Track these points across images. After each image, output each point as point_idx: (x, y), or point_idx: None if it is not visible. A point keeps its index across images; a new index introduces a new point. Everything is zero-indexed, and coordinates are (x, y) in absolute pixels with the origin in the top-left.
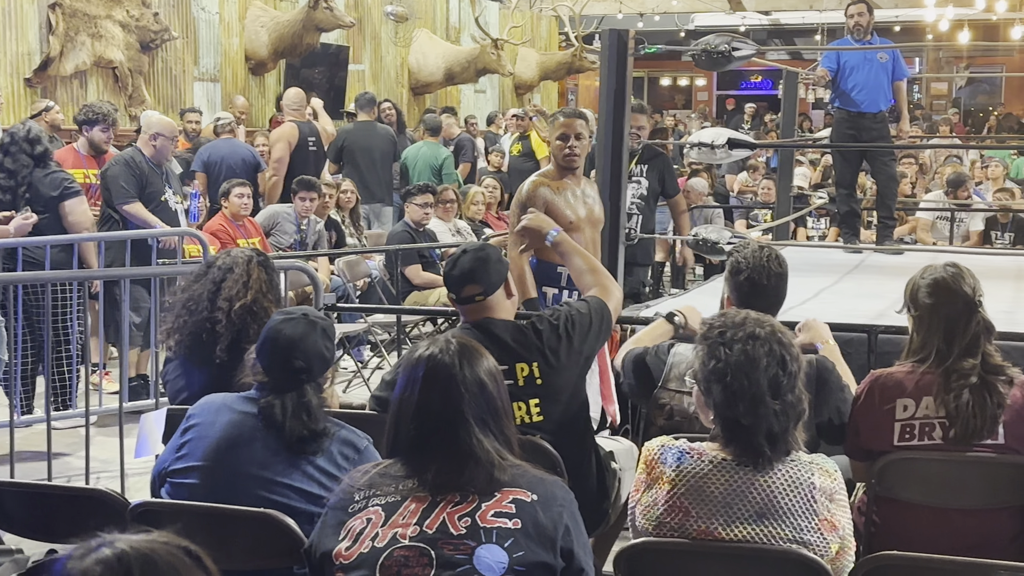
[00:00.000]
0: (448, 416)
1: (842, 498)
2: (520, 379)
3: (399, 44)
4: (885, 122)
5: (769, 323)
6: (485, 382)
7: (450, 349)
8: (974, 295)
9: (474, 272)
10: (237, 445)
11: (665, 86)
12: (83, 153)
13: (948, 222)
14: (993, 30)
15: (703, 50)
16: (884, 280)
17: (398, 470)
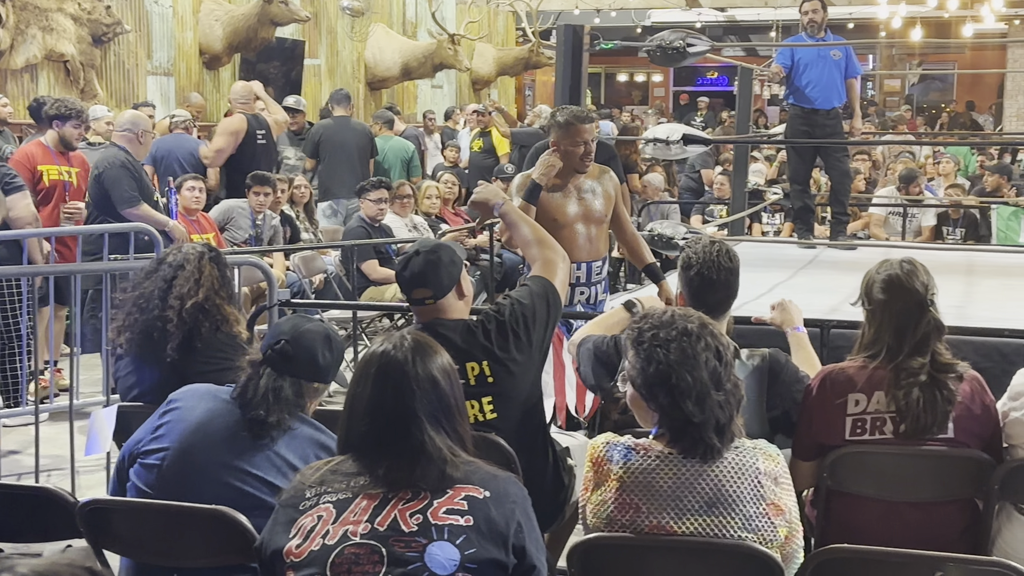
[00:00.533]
0: (400, 413)
1: (786, 481)
2: (471, 378)
3: (355, 39)
4: (838, 119)
5: (696, 316)
6: (438, 379)
7: (404, 346)
8: (927, 293)
9: (425, 275)
10: (212, 432)
11: (622, 82)
12: (53, 149)
13: (901, 218)
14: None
15: (658, 46)
16: (837, 275)
17: (349, 467)
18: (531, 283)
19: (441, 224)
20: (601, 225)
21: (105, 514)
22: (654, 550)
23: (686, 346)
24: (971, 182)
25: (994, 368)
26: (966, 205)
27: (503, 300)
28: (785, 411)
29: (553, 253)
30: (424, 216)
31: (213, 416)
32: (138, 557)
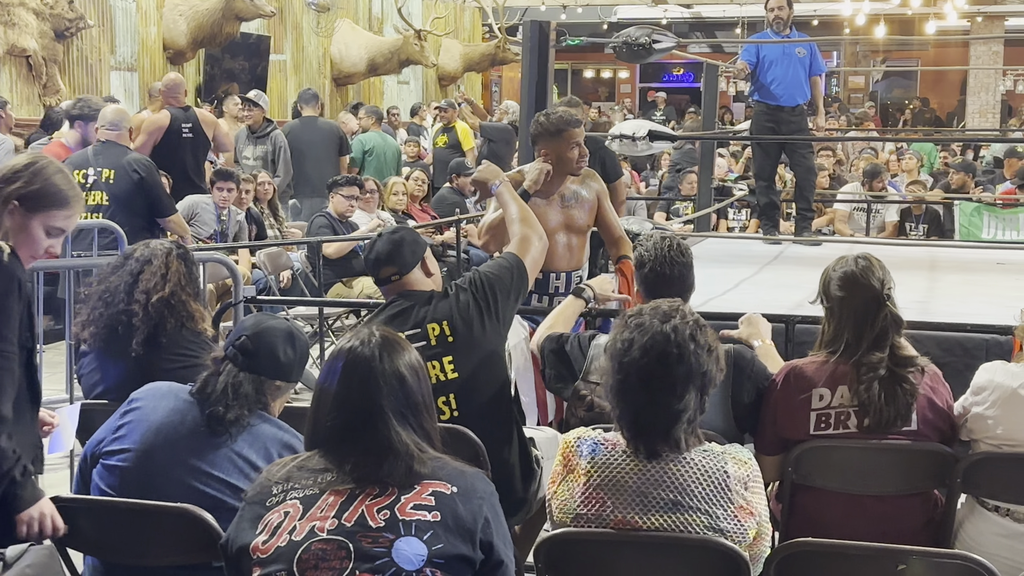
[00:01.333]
0: (366, 409)
1: (757, 485)
2: (432, 339)
3: (321, 34)
4: (803, 115)
5: (672, 321)
6: (405, 375)
7: (371, 342)
8: (883, 288)
9: (389, 253)
10: (173, 433)
11: (588, 78)
12: (75, 149)
13: (865, 213)
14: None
15: (624, 42)
16: (802, 271)
17: (316, 463)
18: (501, 257)
19: (408, 220)
20: (583, 235)
21: (69, 513)
22: (621, 545)
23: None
24: (934, 178)
25: (956, 363)
26: (930, 201)
27: (470, 272)
28: (749, 406)
29: (531, 232)
30: (391, 212)
31: (174, 416)
32: (103, 556)
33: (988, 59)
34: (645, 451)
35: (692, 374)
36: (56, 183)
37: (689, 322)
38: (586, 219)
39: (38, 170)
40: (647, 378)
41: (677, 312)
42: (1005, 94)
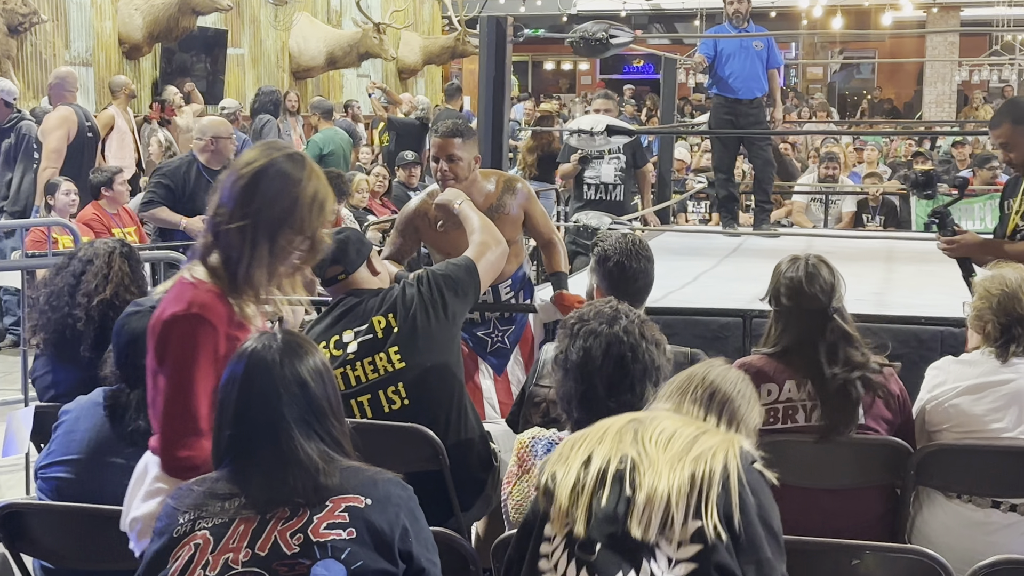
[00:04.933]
0: (267, 418)
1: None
2: (379, 331)
3: (279, 28)
4: (761, 108)
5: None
6: (307, 381)
7: (272, 346)
8: (830, 301)
9: (335, 253)
10: (105, 439)
11: (549, 70)
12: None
13: (822, 204)
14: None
15: (581, 37)
16: (761, 263)
17: (222, 487)
18: (457, 260)
19: (368, 216)
20: (512, 244)
21: (22, 518)
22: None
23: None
24: (892, 169)
25: (912, 354)
26: (887, 192)
27: (422, 271)
28: None
29: (490, 239)
30: (351, 209)
31: (101, 428)
32: (57, 562)
33: (944, 50)
34: None
35: (648, 370)
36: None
37: (635, 320)
38: (510, 234)
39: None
40: (610, 383)
41: (621, 312)
42: (961, 84)
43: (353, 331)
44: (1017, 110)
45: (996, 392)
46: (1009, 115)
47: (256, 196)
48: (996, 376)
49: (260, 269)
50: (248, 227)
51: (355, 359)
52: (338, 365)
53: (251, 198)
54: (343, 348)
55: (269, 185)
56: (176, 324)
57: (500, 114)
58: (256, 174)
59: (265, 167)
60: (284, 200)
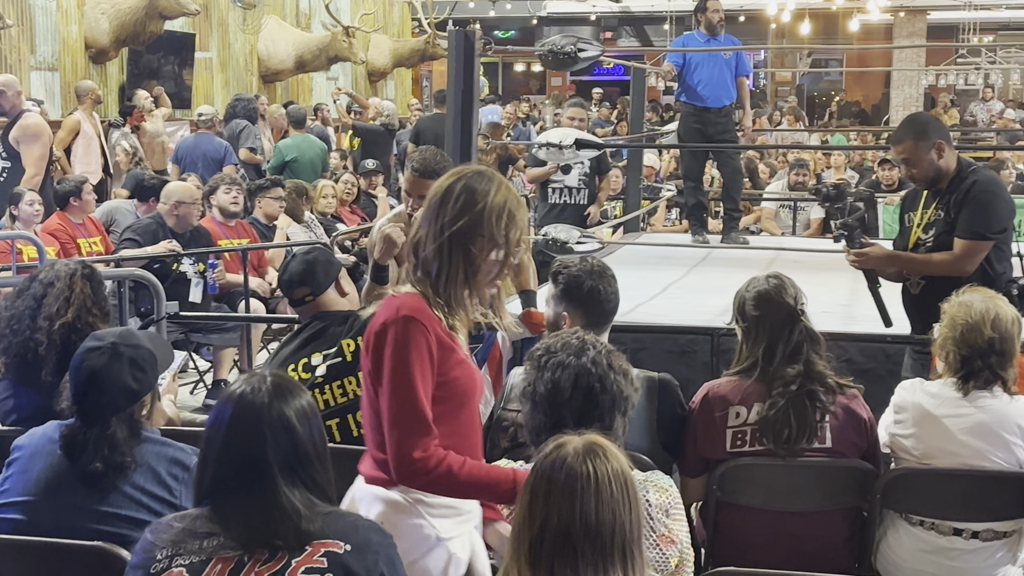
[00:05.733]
0: (253, 462)
1: (678, 512)
2: (348, 355)
3: (247, 31)
4: (730, 116)
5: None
6: (294, 426)
7: (262, 389)
8: (796, 305)
9: (303, 275)
10: (62, 477)
11: (519, 72)
12: None
13: (791, 211)
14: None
15: (549, 51)
16: (730, 273)
17: (202, 525)
18: None
19: (337, 224)
20: None
21: None
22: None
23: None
24: (860, 174)
25: (879, 368)
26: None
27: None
28: (674, 431)
29: None
30: (320, 216)
31: (57, 467)
32: None
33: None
34: None
35: (616, 401)
36: None
37: (602, 351)
38: None
39: None
40: (580, 415)
41: (588, 343)
42: (928, 87)
43: (322, 354)
44: (918, 126)
45: (956, 425)
46: (910, 131)
47: (446, 212)
48: (955, 410)
49: (459, 282)
50: (443, 243)
51: (324, 382)
52: (307, 388)
53: (442, 215)
54: (312, 371)
55: (457, 201)
56: (388, 328)
57: (469, 127)
58: (445, 193)
59: (452, 185)
60: (472, 213)
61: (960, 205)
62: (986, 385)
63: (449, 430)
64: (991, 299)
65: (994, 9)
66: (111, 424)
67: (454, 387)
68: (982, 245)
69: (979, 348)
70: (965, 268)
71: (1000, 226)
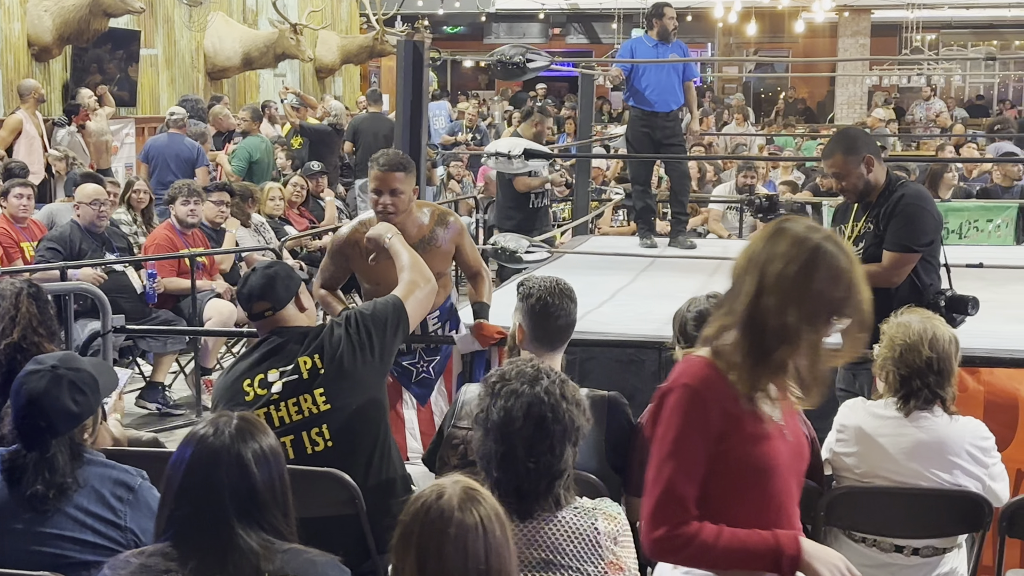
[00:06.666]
0: (208, 504)
1: (626, 539)
2: (304, 372)
3: (194, 28)
4: (677, 120)
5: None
6: (252, 472)
7: (224, 431)
8: None
9: (262, 289)
10: (4, 502)
11: (468, 67)
12: None
13: (738, 212)
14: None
15: (498, 61)
16: (677, 278)
17: (160, 562)
18: (381, 298)
19: (285, 226)
20: (441, 277)
21: None
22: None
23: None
24: (806, 175)
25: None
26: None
27: (350, 308)
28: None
29: (419, 277)
30: (267, 218)
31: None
32: None
33: (855, 51)
34: (519, 513)
35: (567, 432)
36: None
37: (556, 380)
38: (439, 266)
39: None
40: (530, 444)
41: (542, 372)
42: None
43: (279, 371)
44: (847, 141)
45: (895, 445)
46: (840, 146)
47: (804, 285)
48: (896, 430)
49: (780, 353)
50: (790, 314)
51: (279, 399)
52: (262, 405)
53: (794, 285)
54: (268, 387)
55: (819, 274)
56: (667, 395)
57: (418, 136)
58: (806, 264)
59: (813, 254)
60: (834, 288)
61: (888, 218)
62: (926, 405)
63: (735, 508)
64: (928, 319)
65: (936, 8)
66: (51, 447)
67: (741, 465)
68: (909, 257)
69: (917, 368)
70: (893, 280)
71: (927, 239)
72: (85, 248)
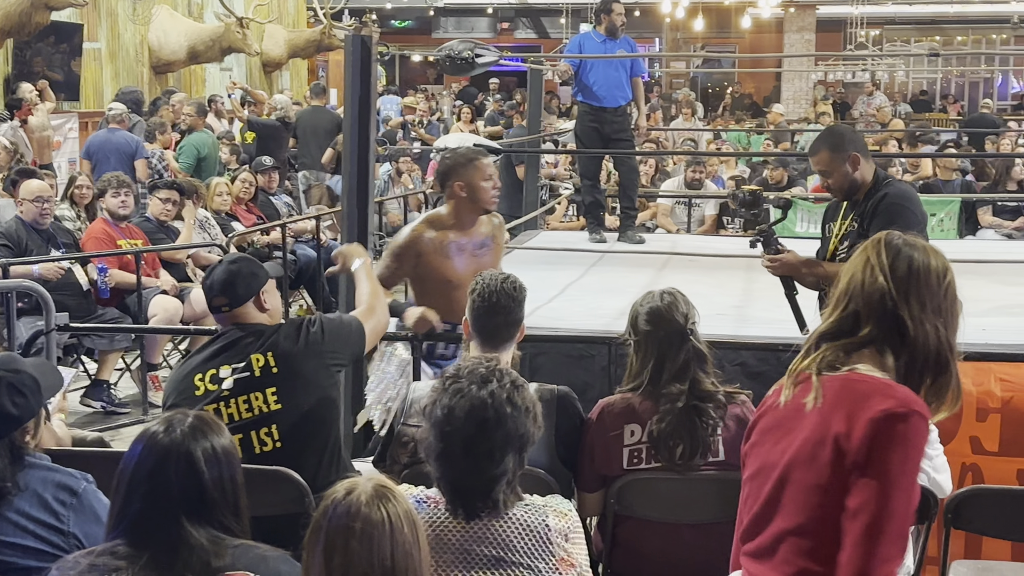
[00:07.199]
0: (157, 501)
1: (577, 536)
2: (256, 370)
3: (138, 22)
4: (626, 115)
5: (489, 385)
6: (201, 470)
7: (176, 429)
8: (686, 323)
9: (223, 284)
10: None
11: (417, 62)
12: None
13: (686, 207)
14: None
15: (447, 56)
16: (626, 273)
17: (110, 560)
18: (344, 314)
19: (232, 222)
20: None
21: None
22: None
23: (473, 431)
24: (752, 170)
25: (771, 372)
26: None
27: (313, 314)
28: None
29: (380, 306)
30: (214, 213)
31: None
32: None
33: (801, 47)
34: (464, 512)
35: (510, 438)
36: None
37: (506, 385)
38: (496, 263)
39: None
40: (467, 445)
41: (494, 375)
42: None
43: (231, 367)
44: (834, 138)
45: None
46: (826, 143)
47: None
48: None
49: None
50: (940, 325)
51: (230, 396)
52: (212, 401)
53: (934, 298)
54: (219, 383)
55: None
56: (897, 423)
57: (367, 135)
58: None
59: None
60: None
61: (872, 216)
62: None
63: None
64: None
65: (880, 4)
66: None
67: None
68: None
69: None
70: None
71: None
72: (31, 245)
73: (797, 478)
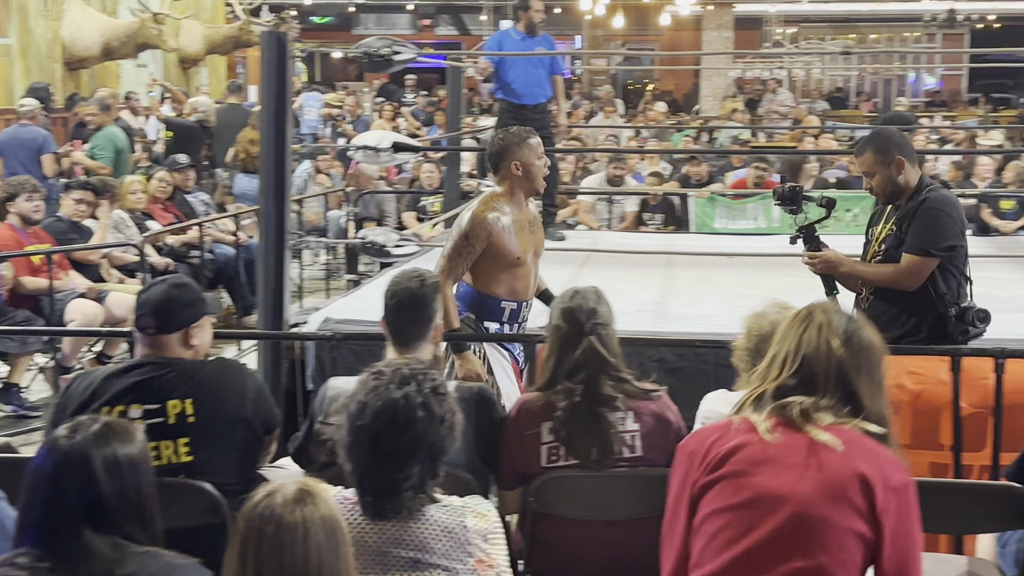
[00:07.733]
0: (58, 508)
1: (496, 536)
2: (171, 417)
3: (49, 17)
4: (546, 113)
5: (406, 387)
6: (100, 478)
7: (78, 437)
8: (587, 323)
9: (155, 308)
10: None
11: (337, 58)
12: None
13: (607, 204)
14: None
15: (364, 53)
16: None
17: (9, 572)
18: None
19: (147, 221)
20: (539, 259)
21: None
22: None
23: (384, 431)
24: (672, 166)
25: (689, 367)
26: (668, 192)
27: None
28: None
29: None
30: (129, 212)
31: None
32: None
33: (719, 44)
34: (371, 511)
35: (417, 445)
36: None
37: (425, 390)
38: (542, 246)
39: None
40: (374, 444)
41: (416, 377)
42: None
43: (143, 408)
44: (880, 140)
45: None
46: (872, 145)
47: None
48: None
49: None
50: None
51: None
52: None
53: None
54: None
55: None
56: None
57: (283, 131)
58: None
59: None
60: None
61: (910, 221)
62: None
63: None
64: (784, 310)
65: (796, 2)
66: None
67: None
68: (927, 262)
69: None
70: (905, 283)
71: (945, 244)
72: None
73: (818, 515)
